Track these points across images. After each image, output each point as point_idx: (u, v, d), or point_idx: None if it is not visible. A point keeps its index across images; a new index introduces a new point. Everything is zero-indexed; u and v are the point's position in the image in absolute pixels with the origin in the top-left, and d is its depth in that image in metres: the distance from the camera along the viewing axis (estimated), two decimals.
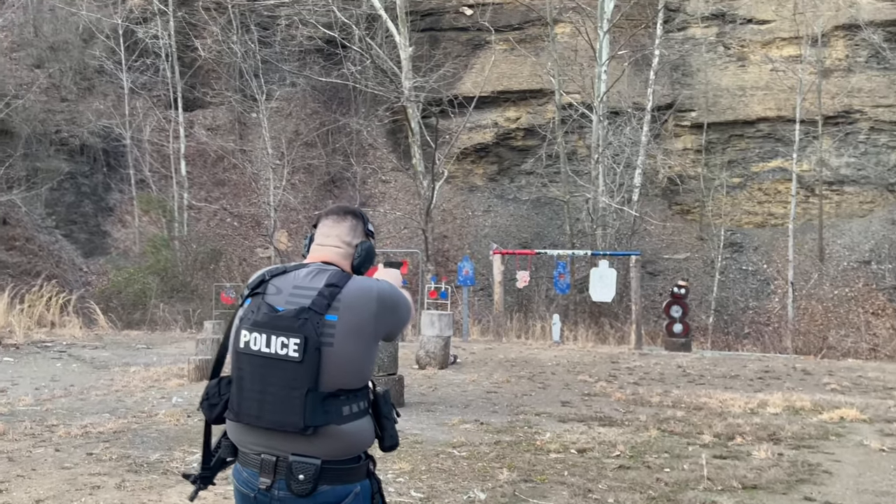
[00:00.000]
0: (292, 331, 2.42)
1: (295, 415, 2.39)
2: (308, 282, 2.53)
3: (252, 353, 2.46)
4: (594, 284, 15.92)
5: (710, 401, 9.42)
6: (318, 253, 2.69)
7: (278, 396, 2.42)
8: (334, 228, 2.72)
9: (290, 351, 2.41)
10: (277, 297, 2.51)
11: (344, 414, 2.45)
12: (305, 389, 2.40)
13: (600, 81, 24.39)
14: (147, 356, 13.00)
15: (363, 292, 2.53)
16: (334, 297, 2.47)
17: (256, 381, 2.45)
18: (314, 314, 2.43)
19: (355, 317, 2.48)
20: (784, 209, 27.23)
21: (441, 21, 30.75)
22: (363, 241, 2.73)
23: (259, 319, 2.46)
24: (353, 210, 2.78)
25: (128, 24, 27.33)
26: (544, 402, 9.48)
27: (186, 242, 23.25)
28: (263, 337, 2.44)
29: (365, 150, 30.41)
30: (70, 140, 27.43)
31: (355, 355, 2.48)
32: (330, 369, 2.42)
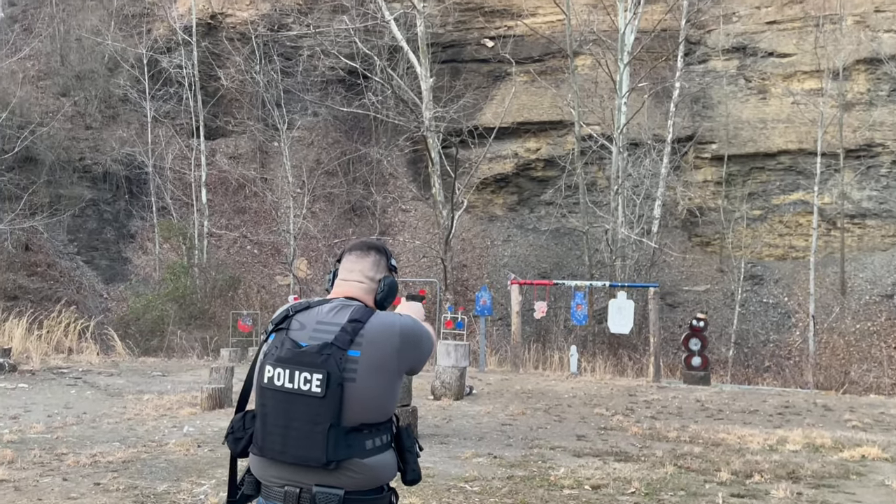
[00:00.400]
0: (315, 366, 2.45)
1: (318, 450, 2.43)
2: (331, 317, 2.56)
3: (276, 388, 2.49)
4: (612, 316, 15.79)
5: (728, 436, 9.26)
6: (342, 288, 2.72)
7: (301, 431, 2.45)
8: (357, 264, 2.75)
9: (313, 386, 2.44)
10: (301, 333, 2.54)
11: (367, 448, 2.48)
12: (328, 424, 2.43)
13: (620, 113, 24.38)
14: (161, 384, 12.98)
15: (386, 328, 2.56)
16: (357, 333, 2.50)
17: (280, 416, 2.48)
18: (337, 350, 2.46)
19: (378, 352, 2.50)
20: (805, 242, 26.99)
21: (462, 53, 30.94)
22: (386, 276, 2.76)
23: (283, 355, 2.49)
24: (376, 245, 2.82)
25: (152, 53, 27.66)
26: (560, 435, 9.36)
27: (205, 270, 23.34)
28: (287, 372, 2.47)
29: (385, 179, 30.51)
30: (93, 167, 27.72)
31: (378, 390, 2.51)
32: (352, 404, 2.45)
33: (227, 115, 29.53)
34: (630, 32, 24.80)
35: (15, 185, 25.42)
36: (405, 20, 27.43)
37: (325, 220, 29.01)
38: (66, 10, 31.36)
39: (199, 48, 27.99)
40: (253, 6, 31.04)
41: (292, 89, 28.47)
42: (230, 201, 28.93)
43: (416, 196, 30.04)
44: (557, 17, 28.52)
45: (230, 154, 29.84)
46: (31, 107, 27.34)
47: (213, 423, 9.37)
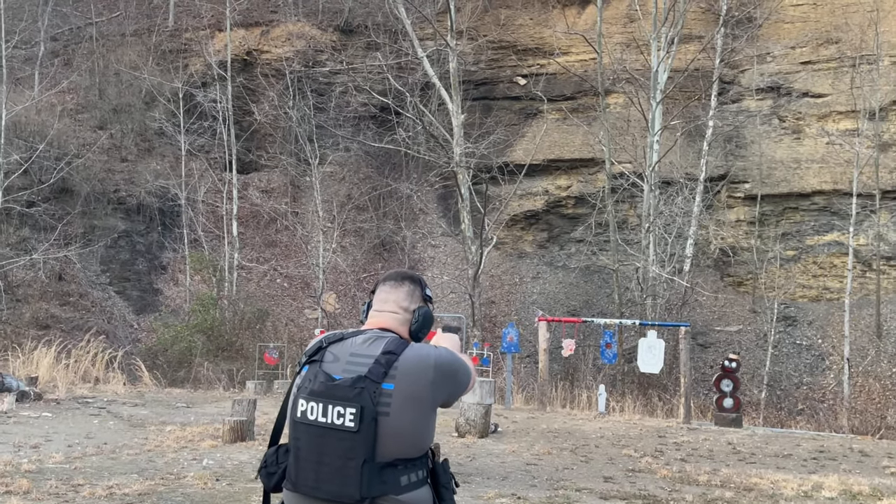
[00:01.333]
0: (348, 400, 2.41)
1: (351, 486, 2.38)
2: (365, 349, 2.52)
3: (309, 422, 2.45)
4: (642, 355, 15.54)
5: (761, 481, 8.98)
6: (376, 319, 2.68)
7: (334, 467, 2.40)
8: (392, 294, 2.70)
9: (347, 421, 2.40)
10: (335, 365, 2.51)
11: (402, 484, 2.43)
12: (362, 460, 2.38)
13: (652, 151, 24.25)
14: (185, 415, 12.92)
15: (421, 360, 2.51)
16: (391, 365, 2.45)
17: (313, 451, 2.44)
18: (371, 383, 2.42)
19: (412, 385, 2.46)
20: (840, 283, 26.57)
21: (494, 90, 31.05)
22: (421, 306, 2.71)
23: (316, 388, 2.46)
24: (410, 275, 2.78)
25: (188, 88, 28.04)
26: (586, 476, 9.13)
27: (234, 302, 23.40)
28: (320, 406, 2.44)
29: (415, 214, 30.54)
30: (127, 199, 28.02)
31: (412, 425, 2.45)
32: (386, 439, 2.40)
33: (259, 150, 29.80)
34: (663, 71, 24.74)
35: (50, 215, 25.76)
36: (438, 57, 27.63)
37: (355, 255, 29.04)
38: (105, 45, 31.95)
39: (234, 83, 28.34)
40: (288, 43, 31.44)
41: (325, 125, 28.71)
42: (261, 235, 29.08)
43: (445, 232, 30.02)
44: (590, 56, 28.56)
45: (262, 188, 30.05)
46: (69, 139, 27.77)
47: (233, 457, 9.27)
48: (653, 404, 18.10)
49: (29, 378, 13.84)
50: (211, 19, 31.39)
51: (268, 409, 13.88)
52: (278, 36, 32.16)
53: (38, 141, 25.25)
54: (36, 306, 24.40)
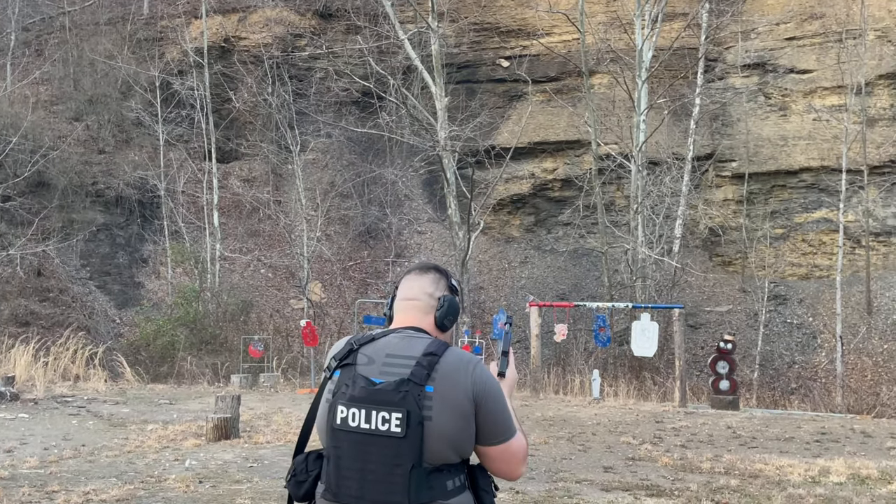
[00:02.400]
0: (393, 405, 2.32)
1: (399, 493, 2.30)
2: (403, 350, 2.43)
3: (350, 429, 2.35)
4: (636, 338, 15.20)
5: (765, 467, 8.66)
6: (404, 313, 2.60)
7: (380, 474, 2.32)
8: (416, 281, 2.63)
9: (392, 426, 2.32)
10: (371, 368, 2.40)
11: (448, 489, 2.37)
12: (410, 466, 2.30)
13: (639, 131, 23.89)
14: (168, 412, 12.49)
15: (461, 363, 2.42)
16: (433, 367, 2.38)
17: (356, 459, 2.35)
18: (414, 386, 2.34)
19: (450, 388, 2.37)
20: (829, 261, 26.41)
21: (478, 73, 30.60)
22: (446, 294, 2.62)
23: (356, 394, 2.36)
24: (435, 266, 2.71)
25: (164, 76, 27.47)
26: (585, 466, 8.80)
27: (217, 294, 22.91)
28: (363, 412, 2.34)
29: (401, 201, 30.12)
30: (106, 192, 27.47)
31: (454, 428, 2.37)
32: (432, 444, 2.33)
33: (239, 138, 29.29)
34: (648, 49, 24.35)
35: (27, 210, 25.21)
36: (419, 40, 27.17)
37: (340, 243, 28.61)
38: (79, 34, 31.27)
39: (212, 71, 27.79)
40: (266, 29, 30.86)
41: (306, 111, 28.19)
42: (244, 225, 28.60)
43: (431, 218, 29.63)
44: (573, 36, 28.16)
45: (243, 177, 29.54)
46: (43, 131, 27.18)
47: (217, 456, 8.87)
48: (647, 388, 17.81)
49: (5, 378, 13.37)
50: (186, 6, 30.75)
51: (253, 405, 13.49)
52: (256, 22, 31.55)
53: (11, 134, 24.65)
54: (15, 303, 23.89)
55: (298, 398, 14.85)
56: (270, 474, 8.05)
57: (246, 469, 8.25)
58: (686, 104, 26.42)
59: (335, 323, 25.81)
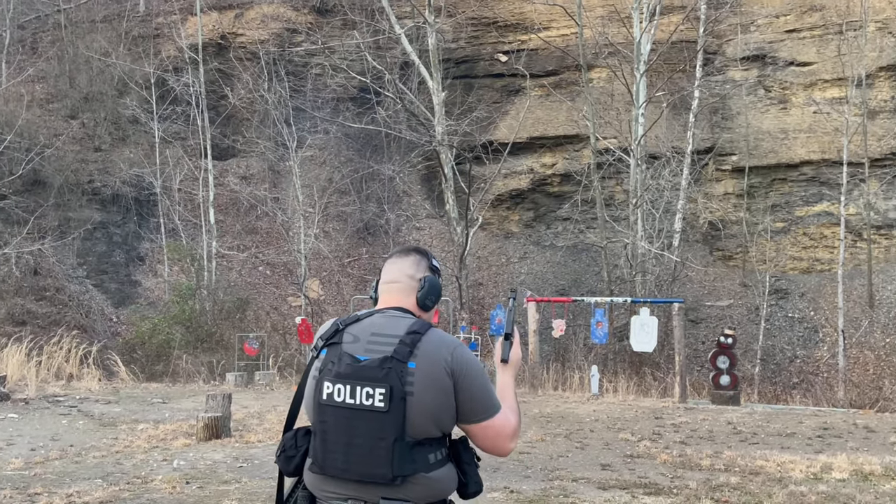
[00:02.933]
0: (377, 380, 2.40)
1: (383, 465, 2.38)
2: (387, 328, 2.50)
3: (336, 404, 2.43)
4: (635, 333, 15.00)
5: (766, 464, 8.49)
6: (387, 295, 2.67)
7: (364, 447, 2.40)
8: (397, 264, 2.71)
9: (376, 401, 2.40)
10: (356, 346, 2.48)
11: (430, 462, 2.43)
12: (393, 439, 2.38)
13: (637, 125, 23.69)
14: (160, 411, 12.31)
15: (442, 342, 2.50)
16: (415, 345, 2.45)
17: (342, 433, 2.43)
18: (397, 363, 2.41)
19: (430, 364, 2.44)
20: (830, 254, 26.24)
21: (475, 68, 30.39)
22: (427, 275, 2.69)
23: (342, 370, 2.43)
24: (416, 248, 2.81)
25: (160, 72, 27.28)
26: (582, 464, 8.62)
27: (213, 291, 22.72)
28: (348, 388, 2.42)
29: (399, 197, 29.95)
30: (102, 190, 27.30)
31: (434, 403, 2.43)
32: (414, 418, 2.40)
33: (236, 135, 29.12)
34: (646, 42, 24.15)
35: (23, 208, 25.05)
36: (416, 35, 26.99)
37: (338, 240, 28.44)
38: (74, 32, 31.09)
39: (209, 68, 27.60)
40: (263, 25, 30.67)
41: (303, 107, 27.99)
42: (242, 222, 28.42)
43: (430, 214, 29.45)
44: (571, 31, 27.96)
45: (241, 174, 29.37)
46: (39, 129, 27.00)
47: (206, 456, 8.69)
48: (646, 383, 17.63)
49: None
50: (182, 3, 30.54)
51: (247, 403, 13.31)
52: (253, 18, 31.36)
53: (6, 132, 24.48)
54: (11, 302, 23.72)
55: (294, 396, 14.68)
56: (260, 474, 7.88)
57: (235, 469, 8.08)
58: (685, 97, 26.22)
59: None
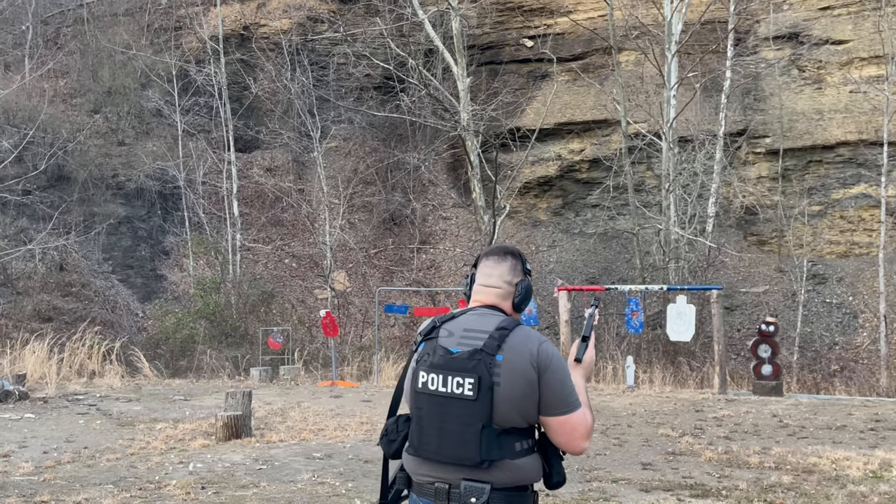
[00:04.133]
0: (467, 371, 2.59)
1: (472, 450, 2.55)
2: (479, 325, 2.69)
3: (430, 392, 2.65)
4: (671, 322, 14.42)
5: (820, 461, 7.93)
6: (482, 295, 2.83)
7: (455, 432, 2.58)
8: (496, 269, 2.85)
9: (465, 390, 2.58)
10: (450, 340, 2.68)
11: (516, 450, 2.59)
12: (480, 425, 2.56)
13: (669, 106, 23.00)
14: (180, 409, 11.93)
15: (528, 338, 2.66)
16: (504, 339, 2.62)
17: (434, 419, 2.63)
18: (486, 355, 2.59)
19: (516, 358, 2.60)
20: (869, 238, 25.48)
21: (501, 54, 29.80)
22: (522, 279, 2.84)
23: (435, 361, 2.65)
24: (512, 250, 2.93)
25: (181, 64, 26.99)
26: (621, 463, 8.11)
27: (238, 285, 22.38)
28: (440, 377, 2.63)
29: (425, 186, 29.49)
30: (126, 184, 27.10)
31: (519, 395, 2.58)
32: (500, 407, 2.56)
33: (260, 127, 28.81)
34: (677, 21, 23.46)
35: (48, 204, 24.91)
36: (440, 21, 26.50)
37: (364, 231, 28.05)
38: (97, 25, 30.92)
39: (232, 59, 27.28)
40: (286, 15, 30.29)
41: (326, 97, 27.58)
42: (267, 214, 28.13)
43: (456, 203, 28.97)
44: (598, 13, 27.32)
45: (266, 166, 29.08)
46: (62, 124, 26.84)
47: (225, 458, 8.28)
48: (683, 374, 17.03)
49: (16, 376, 12.90)
50: None
51: (271, 399, 12.91)
52: (275, 8, 30.99)
53: (28, 127, 24.32)
54: (37, 298, 23.60)
55: (319, 391, 14.27)
56: (280, 477, 7.45)
57: (254, 472, 7.66)
58: (716, 79, 25.50)
59: (360, 312, 25.26)
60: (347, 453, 8.58)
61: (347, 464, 8.05)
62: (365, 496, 6.71)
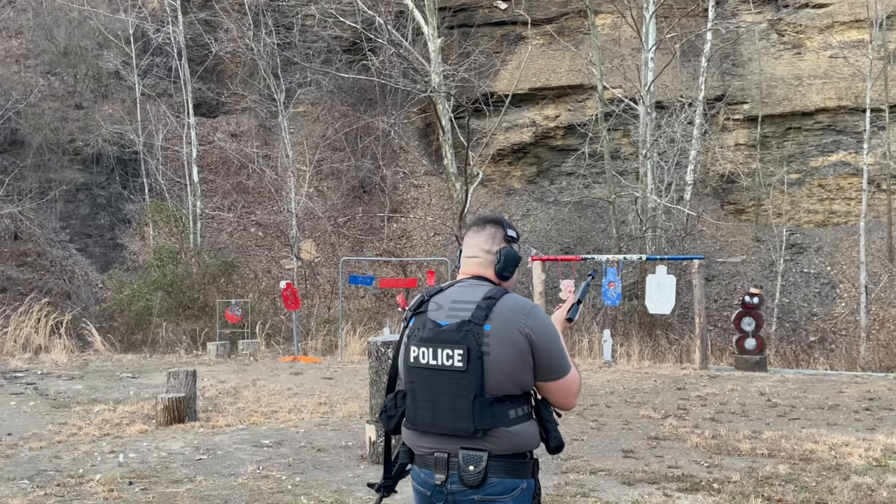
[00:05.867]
0: (456, 343, 2.64)
1: (465, 420, 2.61)
2: (466, 296, 2.74)
3: (421, 366, 2.71)
4: (651, 294, 13.71)
5: (817, 447, 7.24)
6: (467, 266, 2.88)
7: (448, 404, 2.65)
8: (475, 239, 2.90)
9: (455, 361, 2.64)
10: (439, 313, 2.74)
11: (511, 417, 2.63)
12: (472, 396, 2.61)
13: (647, 70, 22.22)
14: (125, 388, 11.06)
15: (517, 306, 2.70)
16: (491, 309, 2.66)
17: (427, 391, 2.70)
18: (474, 325, 2.64)
19: (504, 325, 2.64)
20: (847, 206, 25.06)
21: (474, 16, 28.80)
22: (503, 247, 2.86)
23: (425, 335, 2.72)
24: (491, 219, 2.96)
25: (139, 22, 25.78)
26: (601, 450, 7.38)
27: (198, 254, 21.41)
28: (430, 350, 2.69)
29: (396, 153, 28.59)
30: (84, 149, 26.00)
31: (511, 363, 2.62)
32: (491, 376, 2.61)
33: (224, 89, 27.72)
34: None
35: (1, 170, 23.82)
36: None
37: (333, 199, 27.14)
38: None
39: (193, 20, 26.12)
40: None
41: (293, 59, 26.48)
42: (232, 181, 27.14)
43: (428, 170, 28.13)
44: None
45: (231, 132, 28.04)
46: (15, 86, 25.61)
47: (162, 446, 7.45)
48: (661, 348, 16.37)
49: None
50: None
51: (225, 377, 12.06)
52: None
53: None
54: None
55: (278, 367, 13.43)
56: (220, 469, 6.65)
57: (192, 463, 6.85)
58: (694, 44, 24.76)
59: (329, 283, 24.41)
60: (300, 440, 7.79)
61: (298, 452, 7.26)
62: (313, 493, 5.93)
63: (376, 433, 6.66)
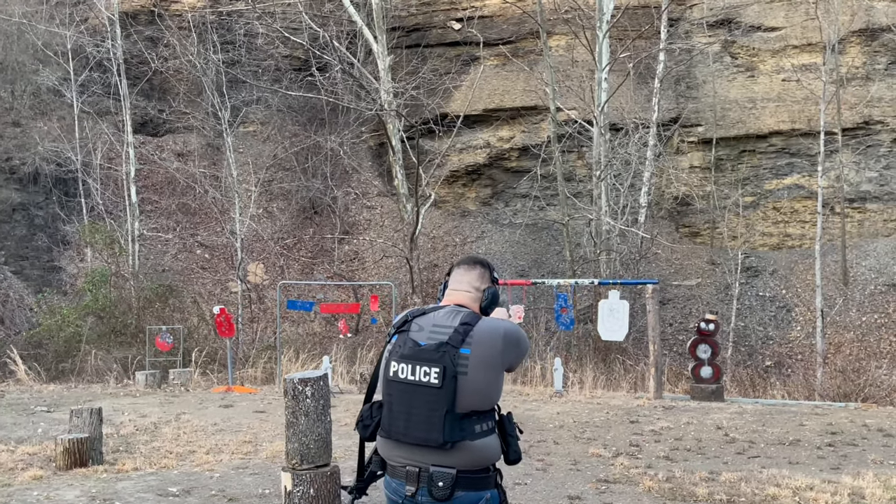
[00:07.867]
0: (433, 361, 2.91)
1: (436, 432, 2.85)
2: (446, 321, 3.01)
3: (400, 380, 2.97)
4: (603, 320, 13.14)
5: (779, 491, 6.64)
6: (452, 297, 3.17)
7: (421, 416, 2.89)
8: (465, 276, 3.21)
9: (432, 378, 2.90)
10: (420, 334, 3.01)
11: (476, 432, 2.89)
12: (444, 410, 2.86)
13: (601, 90, 21.85)
14: (34, 425, 10.15)
15: (492, 331, 2.99)
16: (468, 334, 2.94)
17: (403, 404, 2.94)
18: (451, 348, 2.91)
19: (485, 351, 2.93)
20: (801, 230, 24.93)
21: (427, 37, 28.33)
22: (489, 286, 3.19)
23: (405, 352, 2.98)
24: (481, 260, 3.26)
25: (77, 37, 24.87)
26: (544, 497, 6.70)
27: (134, 277, 20.46)
28: (409, 367, 2.95)
29: (348, 174, 27.91)
30: (21, 168, 24.98)
31: (485, 383, 2.92)
32: (464, 394, 2.88)
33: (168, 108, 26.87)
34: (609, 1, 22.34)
35: None
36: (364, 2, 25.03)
37: (282, 220, 26.34)
38: None
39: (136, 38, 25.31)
40: None
41: (242, 77, 25.73)
42: (177, 202, 26.24)
43: (381, 192, 27.49)
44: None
45: (178, 151, 27.17)
46: None
47: (55, 495, 6.63)
48: (616, 375, 15.81)
49: None
50: None
51: (148, 410, 11.17)
52: None
53: None
54: None
55: (209, 399, 12.56)
56: None
57: None
58: (649, 66, 24.54)
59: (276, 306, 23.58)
60: (212, 487, 7.00)
61: (207, 503, 6.50)
62: None
63: (292, 483, 5.94)
